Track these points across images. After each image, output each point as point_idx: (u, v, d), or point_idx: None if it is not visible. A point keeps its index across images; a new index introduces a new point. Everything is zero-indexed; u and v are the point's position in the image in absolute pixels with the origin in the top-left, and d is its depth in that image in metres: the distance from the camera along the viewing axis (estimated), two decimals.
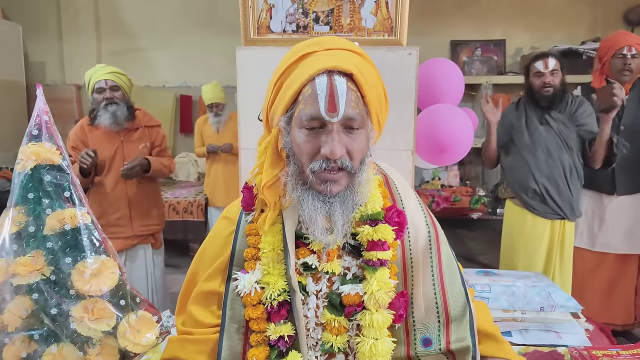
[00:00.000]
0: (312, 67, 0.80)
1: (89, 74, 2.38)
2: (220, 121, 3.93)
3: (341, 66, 0.79)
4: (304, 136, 0.80)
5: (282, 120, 0.83)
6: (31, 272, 0.76)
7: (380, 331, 0.82)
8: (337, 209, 0.82)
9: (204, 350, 0.89)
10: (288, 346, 0.85)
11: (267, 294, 0.85)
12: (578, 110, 2.30)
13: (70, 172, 0.83)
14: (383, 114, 0.89)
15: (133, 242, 2.47)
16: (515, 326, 1.45)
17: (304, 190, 0.82)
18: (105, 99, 2.32)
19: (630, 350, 1.27)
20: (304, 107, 0.80)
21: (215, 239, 0.97)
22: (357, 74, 0.80)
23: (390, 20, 1.64)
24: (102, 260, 0.81)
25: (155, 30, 5.24)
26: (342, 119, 0.78)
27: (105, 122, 2.34)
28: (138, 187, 2.46)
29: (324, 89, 0.78)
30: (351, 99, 0.79)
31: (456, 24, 4.98)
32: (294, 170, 0.83)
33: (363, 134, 0.82)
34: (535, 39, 4.93)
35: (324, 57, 0.81)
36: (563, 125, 2.27)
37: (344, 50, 0.84)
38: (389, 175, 0.98)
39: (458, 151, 2.16)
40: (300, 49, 0.84)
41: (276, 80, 0.85)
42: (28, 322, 0.78)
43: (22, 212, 0.79)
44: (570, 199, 2.29)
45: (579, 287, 2.56)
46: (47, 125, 0.84)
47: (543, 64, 2.28)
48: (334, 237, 0.83)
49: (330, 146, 0.77)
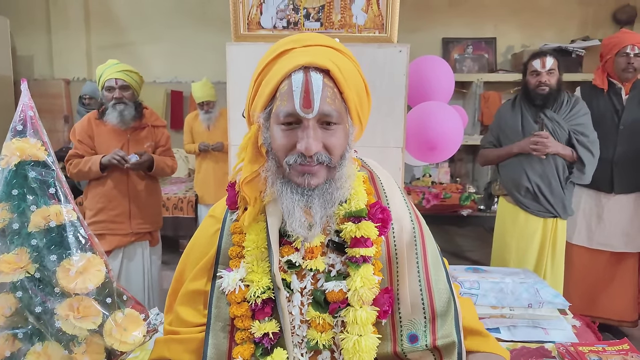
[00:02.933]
0: (289, 63, 0.80)
1: (100, 69, 2.38)
2: (211, 118, 3.92)
3: (317, 62, 0.79)
4: (281, 132, 0.81)
5: (261, 117, 0.84)
6: (15, 269, 0.75)
7: (364, 327, 0.82)
8: (316, 201, 0.82)
9: (190, 349, 0.89)
10: (273, 343, 0.85)
11: (251, 291, 0.85)
12: (573, 109, 2.30)
13: (56, 168, 0.82)
14: (364, 109, 0.88)
15: (131, 239, 2.48)
16: (503, 322, 1.46)
17: (282, 184, 0.83)
18: (114, 98, 2.35)
19: (616, 346, 1.29)
20: (280, 104, 0.80)
21: (201, 238, 0.97)
22: (335, 70, 0.80)
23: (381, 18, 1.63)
24: (88, 258, 0.80)
25: (145, 25, 5.18)
26: (318, 115, 0.78)
27: (112, 121, 2.37)
28: (139, 185, 2.48)
29: (299, 85, 0.78)
30: (327, 95, 0.79)
31: (448, 21, 4.99)
32: (273, 165, 0.84)
33: (341, 130, 0.82)
34: (526, 37, 4.96)
35: (301, 53, 0.81)
36: (557, 125, 2.27)
37: (323, 46, 0.84)
38: (374, 171, 0.98)
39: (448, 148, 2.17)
40: (279, 46, 0.84)
41: (256, 77, 0.85)
42: (12, 321, 0.77)
43: (6, 208, 0.78)
44: (562, 198, 2.30)
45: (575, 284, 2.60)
46: (32, 120, 0.82)
47: (540, 63, 2.27)
48: (313, 231, 0.83)
49: (305, 142, 0.77)
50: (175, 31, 5.14)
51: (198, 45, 5.08)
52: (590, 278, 2.65)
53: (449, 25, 4.99)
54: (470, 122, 4.55)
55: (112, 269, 2.43)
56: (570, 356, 1.24)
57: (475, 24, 4.99)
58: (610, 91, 2.55)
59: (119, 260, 2.46)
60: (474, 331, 0.90)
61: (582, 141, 2.25)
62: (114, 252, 2.43)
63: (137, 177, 2.46)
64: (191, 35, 5.11)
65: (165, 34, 5.16)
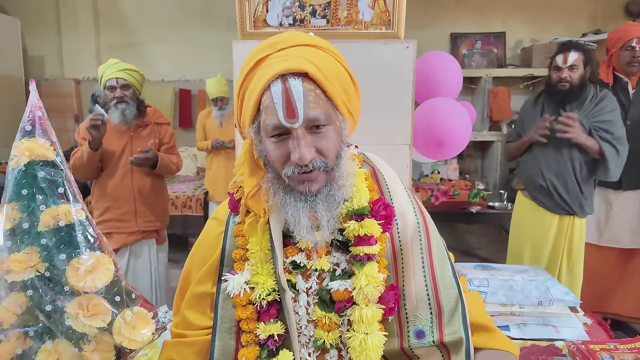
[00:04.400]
0: (266, 74, 0.78)
1: (101, 69, 2.39)
2: (224, 115, 3.94)
3: (294, 67, 0.76)
4: (272, 144, 0.80)
5: (251, 131, 0.83)
6: (25, 268, 0.76)
7: (371, 326, 0.82)
8: (321, 206, 0.81)
9: (197, 352, 0.89)
10: (278, 345, 0.85)
11: (256, 293, 0.85)
12: (598, 105, 2.22)
13: (65, 168, 0.83)
14: (352, 101, 0.86)
15: (137, 238, 2.49)
16: (513, 320, 1.45)
17: (285, 193, 0.83)
18: (115, 98, 2.36)
19: (628, 344, 1.28)
20: (265, 117, 0.79)
21: (206, 240, 0.98)
22: (313, 71, 0.77)
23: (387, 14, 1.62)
24: (97, 257, 0.80)
25: (153, 24, 5.21)
26: (304, 122, 0.77)
27: (114, 120, 2.37)
28: (144, 183, 2.48)
29: (279, 96, 0.76)
30: (310, 99, 0.77)
31: (456, 16, 4.95)
32: (272, 176, 0.84)
33: (331, 130, 0.81)
34: (536, 31, 4.90)
35: (277, 60, 0.79)
36: (579, 123, 2.19)
37: (298, 46, 0.81)
38: (377, 166, 0.97)
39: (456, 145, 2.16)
40: (255, 55, 0.82)
41: (238, 91, 0.84)
42: (23, 319, 0.77)
43: (16, 208, 0.78)
44: (579, 197, 2.26)
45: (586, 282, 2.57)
46: (41, 120, 0.83)
47: (562, 58, 2.20)
48: (322, 234, 0.82)
49: (298, 152, 0.76)
50: (183, 30, 5.17)
51: (205, 43, 5.10)
52: (601, 275, 2.63)
53: (456, 20, 4.95)
54: (479, 118, 4.51)
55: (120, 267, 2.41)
56: (582, 354, 1.23)
57: (483, 19, 4.94)
58: (616, 86, 2.51)
59: (125, 259, 2.48)
60: (482, 326, 0.89)
61: (605, 137, 2.17)
62: (121, 250, 2.45)
63: (142, 175, 2.47)
64: (198, 34, 5.13)
65: (173, 33, 5.19)
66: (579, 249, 2.34)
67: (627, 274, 2.63)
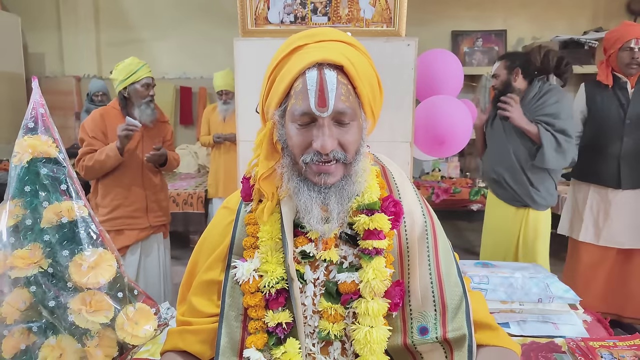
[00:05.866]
0: (302, 60, 0.80)
1: (134, 65, 2.41)
2: (228, 109, 3.96)
3: (331, 58, 0.79)
4: (296, 130, 0.81)
5: (276, 114, 0.84)
6: (29, 264, 0.77)
7: (376, 319, 0.82)
8: (333, 198, 0.83)
9: (204, 340, 0.90)
10: (286, 333, 0.86)
11: (265, 281, 0.86)
12: (540, 99, 2.29)
13: (67, 164, 0.83)
14: (377, 104, 0.89)
15: (148, 233, 2.53)
16: (513, 317, 1.45)
17: (299, 181, 0.84)
18: (150, 96, 2.43)
19: (627, 341, 1.28)
20: (295, 102, 0.80)
21: (215, 229, 0.98)
22: (348, 66, 0.80)
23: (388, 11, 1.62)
24: (99, 253, 0.81)
25: (154, 22, 5.21)
26: (333, 113, 0.79)
27: (146, 119, 2.43)
28: (154, 179, 2.54)
29: (313, 83, 0.78)
30: (341, 92, 0.79)
31: (457, 14, 4.95)
32: (289, 162, 0.85)
33: (355, 126, 0.83)
34: (537, 29, 4.89)
35: (314, 49, 0.81)
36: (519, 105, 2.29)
37: (336, 41, 0.84)
38: (386, 166, 0.99)
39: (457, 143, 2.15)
40: (293, 42, 0.84)
41: (270, 73, 0.86)
42: (26, 315, 0.78)
43: (19, 205, 0.79)
44: (527, 187, 2.31)
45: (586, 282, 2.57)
46: (43, 117, 0.84)
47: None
48: (330, 226, 0.84)
49: (321, 141, 0.78)
50: (183, 28, 5.17)
51: (206, 41, 5.10)
52: (600, 275, 2.61)
53: (458, 18, 4.95)
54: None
55: (130, 263, 2.44)
56: (581, 351, 1.23)
57: (484, 16, 4.94)
58: (615, 85, 2.49)
59: (137, 254, 2.50)
60: (485, 325, 0.90)
61: (547, 129, 2.23)
62: (132, 246, 2.47)
63: (151, 172, 2.53)
64: (199, 32, 5.13)
65: (173, 30, 5.19)
66: (536, 243, 2.34)
67: (626, 274, 2.61)
